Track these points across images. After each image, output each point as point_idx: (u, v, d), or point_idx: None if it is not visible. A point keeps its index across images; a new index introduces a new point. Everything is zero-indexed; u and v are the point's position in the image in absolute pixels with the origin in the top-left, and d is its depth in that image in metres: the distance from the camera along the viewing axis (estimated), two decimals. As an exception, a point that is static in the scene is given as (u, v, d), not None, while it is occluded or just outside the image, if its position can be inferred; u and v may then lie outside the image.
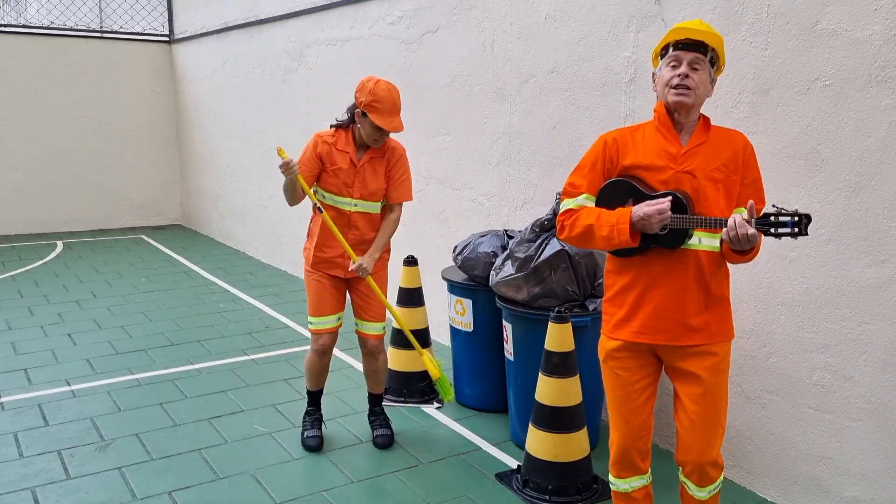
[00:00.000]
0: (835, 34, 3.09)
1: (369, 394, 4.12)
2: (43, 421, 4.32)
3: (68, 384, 4.89)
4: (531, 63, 4.70)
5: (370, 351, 3.94)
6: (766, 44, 3.35)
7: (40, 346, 5.65)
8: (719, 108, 3.52)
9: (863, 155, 3.04)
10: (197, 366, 5.27)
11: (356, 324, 3.96)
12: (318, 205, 3.68)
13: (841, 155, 3.11)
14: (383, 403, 4.26)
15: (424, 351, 4.03)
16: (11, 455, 3.89)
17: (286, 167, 3.52)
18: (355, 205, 3.71)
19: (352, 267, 3.68)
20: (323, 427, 4.13)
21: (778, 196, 3.32)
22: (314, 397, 4.06)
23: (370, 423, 4.12)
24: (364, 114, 3.56)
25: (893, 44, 2.91)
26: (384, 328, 3.96)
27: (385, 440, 4.00)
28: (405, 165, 3.78)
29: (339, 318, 3.89)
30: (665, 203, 2.40)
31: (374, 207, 3.76)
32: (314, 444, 3.95)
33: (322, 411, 4.13)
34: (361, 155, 3.70)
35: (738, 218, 2.30)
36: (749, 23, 3.41)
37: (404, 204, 3.88)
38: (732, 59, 3.48)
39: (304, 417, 4.09)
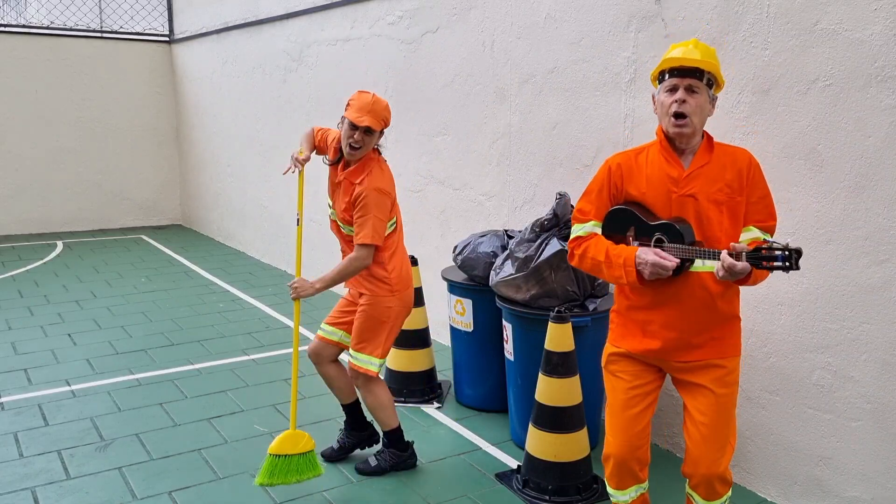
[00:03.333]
0: (835, 34, 3.09)
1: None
2: (43, 421, 4.32)
3: (68, 384, 4.89)
4: (531, 63, 4.70)
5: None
6: (766, 44, 3.35)
7: (40, 346, 5.65)
8: (719, 108, 3.51)
9: (863, 155, 3.04)
10: (197, 366, 5.27)
11: None
12: (298, 216, 3.59)
13: (841, 155, 3.11)
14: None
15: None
16: (11, 455, 3.89)
17: (293, 165, 3.55)
18: (333, 214, 3.62)
19: (289, 283, 3.56)
20: (339, 437, 3.91)
21: (778, 196, 3.31)
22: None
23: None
24: (343, 119, 3.48)
25: (893, 44, 2.91)
26: (369, 364, 3.56)
27: (363, 467, 3.73)
28: (367, 204, 3.40)
29: (331, 332, 3.71)
30: (671, 262, 2.43)
31: (345, 228, 3.55)
32: (324, 451, 3.85)
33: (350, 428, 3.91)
34: (341, 171, 3.56)
35: (723, 254, 2.32)
36: (749, 23, 3.41)
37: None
38: (733, 60, 3.48)
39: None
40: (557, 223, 3.93)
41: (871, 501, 3.15)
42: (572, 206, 3.98)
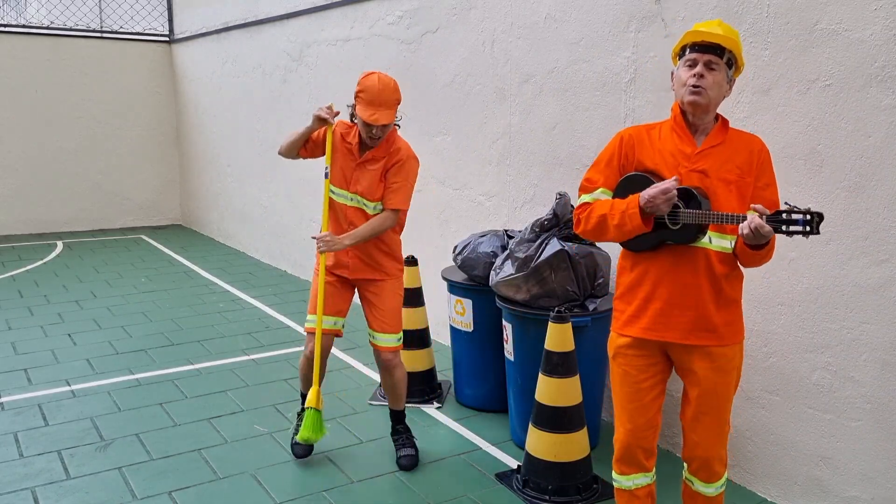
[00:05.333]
0: (835, 34, 3.09)
1: (390, 410, 3.92)
2: (43, 421, 4.32)
3: (68, 384, 4.89)
4: (531, 63, 4.70)
5: (383, 364, 3.73)
6: (766, 44, 3.35)
7: (40, 346, 5.65)
8: (720, 108, 3.51)
9: (863, 155, 3.04)
10: (197, 366, 5.27)
11: (369, 334, 3.77)
12: (326, 169, 3.61)
13: (841, 155, 3.11)
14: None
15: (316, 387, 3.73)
16: (11, 455, 3.89)
17: (326, 112, 3.51)
18: (351, 199, 3.61)
19: (314, 234, 3.55)
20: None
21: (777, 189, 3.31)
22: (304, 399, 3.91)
23: (393, 442, 3.91)
24: (354, 106, 3.49)
25: (893, 44, 2.91)
26: (399, 340, 3.75)
27: (409, 461, 3.77)
28: (405, 172, 3.57)
29: (334, 322, 3.72)
30: (670, 182, 2.42)
31: (371, 207, 3.59)
32: (300, 453, 3.86)
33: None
34: (364, 152, 3.59)
35: (753, 217, 2.31)
36: (749, 23, 3.41)
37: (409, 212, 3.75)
38: (732, 59, 3.48)
39: (297, 417, 3.96)
40: (557, 223, 3.93)
41: (871, 501, 3.15)
42: (572, 207, 3.97)
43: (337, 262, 3.70)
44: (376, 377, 5.03)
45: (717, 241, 2.51)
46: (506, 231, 4.45)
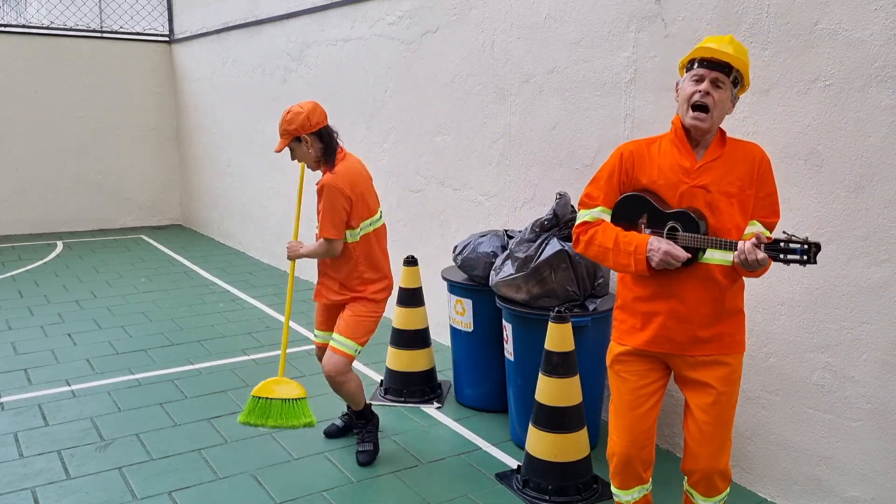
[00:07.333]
0: (835, 34, 3.09)
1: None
2: (43, 421, 4.32)
3: (68, 384, 4.89)
4: (531, 63, 4.70)
5: (325, 375, 3.71)
6: (766, 44, 3.35)
7: (40, 346, 5.65)
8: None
9: (863, 155, 3.04)
10: (197, 366, 5.27)
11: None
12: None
13: (841, 155, 3.11)
14: (385, 400, 4.23)
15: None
16: (11, 455, 3.89)
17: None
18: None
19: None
20: (341, 420, 4.17)
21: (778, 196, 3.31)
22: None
23: (356, 438, 3.97)
24: None
25: (893, 44, 2.91)
26: (352, 350, 3.67)
27: (365, 458, 3.81)
28: (323, 202, 3.55)
29: (326, 336, 3.91)
30: (684, 253, 2.44)
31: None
32: (328, 429, 4.12)
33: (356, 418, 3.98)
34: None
35: (749, 245, 2.31)
36: (749, 23, 3.41)
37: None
38: (732, 59, 3.48)
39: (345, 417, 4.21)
40: (557, 223, 3.93)
41: (871, 501, 3.15)
42: (572, 207, 3.98)
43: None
44: (376, 377, 5.04)
45: (719, 255, 2.50)
46: (506, 231, 4.45)
